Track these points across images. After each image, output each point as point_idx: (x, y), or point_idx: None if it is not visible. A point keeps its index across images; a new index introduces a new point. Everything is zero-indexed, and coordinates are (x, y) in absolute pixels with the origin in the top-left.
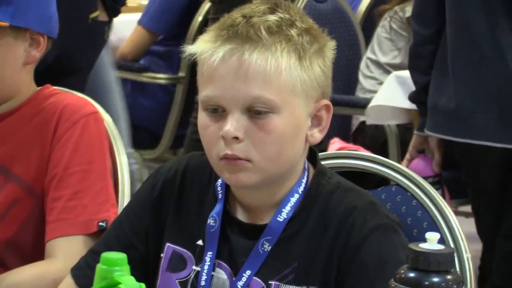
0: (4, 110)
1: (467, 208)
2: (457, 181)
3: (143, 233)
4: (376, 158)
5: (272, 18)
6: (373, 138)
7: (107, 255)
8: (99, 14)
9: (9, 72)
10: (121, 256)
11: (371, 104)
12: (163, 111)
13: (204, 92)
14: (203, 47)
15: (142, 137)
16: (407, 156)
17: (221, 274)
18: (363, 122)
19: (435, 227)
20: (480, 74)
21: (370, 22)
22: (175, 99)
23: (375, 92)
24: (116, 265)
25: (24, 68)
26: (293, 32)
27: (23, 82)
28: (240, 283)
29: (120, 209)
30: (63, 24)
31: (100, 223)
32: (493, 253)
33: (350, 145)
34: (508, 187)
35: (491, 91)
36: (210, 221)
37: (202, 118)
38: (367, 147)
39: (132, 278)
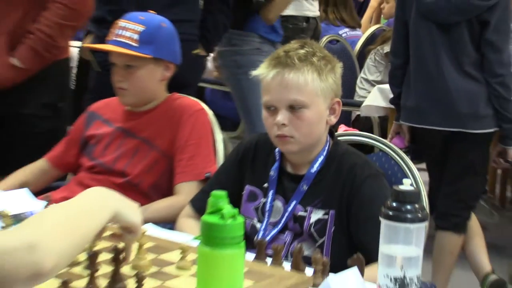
0: (148, 107)
1: (423, 166)
2: (418, 150)
3: (232, 179)
4: (368, 135)
5: (301, 51)
6: (365, 124)
7: (215, 192)
8: (200, 51)
9: (151, 85)
10: (223, 193)
11: (364, 104)
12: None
13: (264, 98)
14: (261, 71)
15: (226, 123)
16: (389, 136)
17: (278, 204)
18: (359, 115)
19: (406, 177)
20: (429, 87)
21: (362, 55)
22: None
23: (365, 97)
24: (220, 198)
25: (161, 83)
26: (315, 59)
27: (160, 91)
28: (289, 208)
29: (218, 166)
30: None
31: (206, 174)
32: (438, 194)
33: (351, 129)
34: (446, 154)
35: (435, 97)
36: (271, 173)
37: (264, 113)
38: (361, 130)
39: (230, 206)
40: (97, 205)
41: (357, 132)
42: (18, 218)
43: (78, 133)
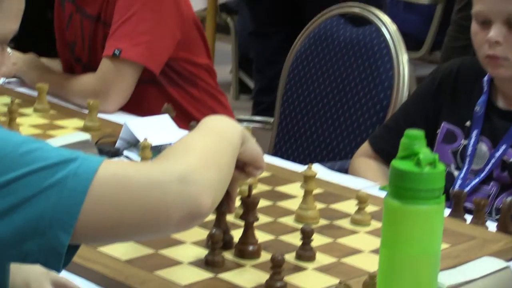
0: None
1: None
2: None
3: (424, 114)
4: None
5: None
6: None
7: (409, 132)
8: None
9: None
10: (419, 133)
11: None
12: (426, 23)
13: (475, 8)
14: None
15: (409, 42)
16: None
17: (483, 147)
18: None
19: None
20: None
21: None
22: (435, 15)
23: None
24: (416, 139)
25: None
26: None
27: None
28: (497, 153)
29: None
30: None
31: (116, 50)
32: None
33: None
34: None
35: None
36: (477, 108)
37: (474, 27)
38: None
39: (428, 149)
40: (229, 129)
41: None
42: (157, 150)
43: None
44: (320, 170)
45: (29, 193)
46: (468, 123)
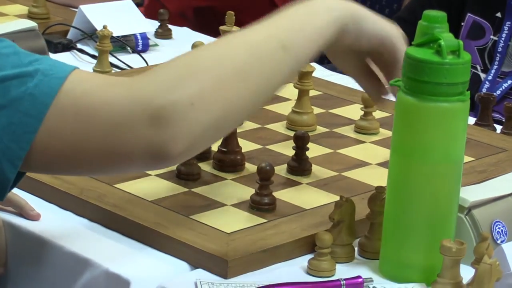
0: None
1: None
2: None
3: (446, 2)
4: None
5: None
6: None
7: (428, 12)
8: None
9: None
10: (441, 14)
11: None
12: None
13: None
14: None
15: None
16: None
17: None
18: None
19: None
20: None
21: None
22: None
23: None
24: (436, 22)
25: None
26: None
27: None
28: None
29: None
30: None
31: None
32: None
33: None
34: None
35: None
36: None
37: None
38: None
39: (451, 35)
40: (306, 21)
41: None
42: (118, 42)
43: None
44: (319, 70)
45: None
46: (498, 14)
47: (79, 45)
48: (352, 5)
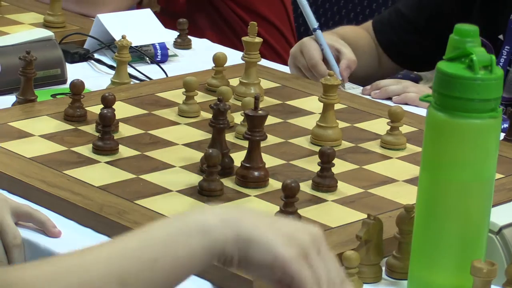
0: None
1: None
2: None
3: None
4: None
5: None
6: None
7: (460, 26)
8: None
9: None
10: (473, 28)
11: None
12: None
13: None
14: None
15: None
16: None
17: None
18: None
19: None
20: None
21: None
22: None
23: None
24: (468, 36)
25: None
26: None
27: None
28: None
29: None
30: None
31: None
32: None
33: None
34: None
35: None
36: None
37: None
38: None
39: (483, 49)
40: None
41: None
42: (137, 52)
43: None
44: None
45: None
46: (501, 36)
47: (96, 55)
48: (237, 222)
